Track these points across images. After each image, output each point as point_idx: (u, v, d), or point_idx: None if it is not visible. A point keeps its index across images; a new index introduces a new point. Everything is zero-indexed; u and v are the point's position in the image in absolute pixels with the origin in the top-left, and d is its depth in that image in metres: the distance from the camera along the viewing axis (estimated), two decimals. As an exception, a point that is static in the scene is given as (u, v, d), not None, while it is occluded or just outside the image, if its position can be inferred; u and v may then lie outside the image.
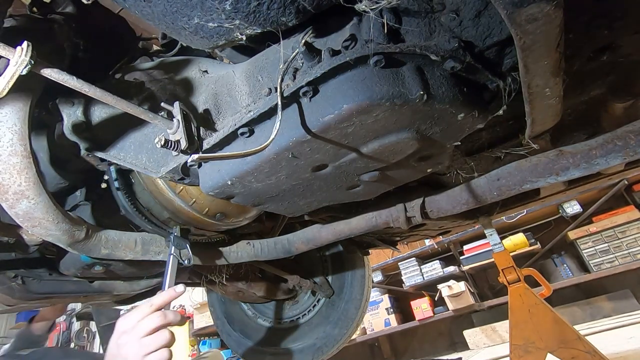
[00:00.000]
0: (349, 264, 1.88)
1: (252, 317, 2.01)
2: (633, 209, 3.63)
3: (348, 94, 0.59)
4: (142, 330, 0.76)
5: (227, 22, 0.59)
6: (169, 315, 0.80)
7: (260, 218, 1.30)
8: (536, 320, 1.22)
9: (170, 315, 0.80)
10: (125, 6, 0.62)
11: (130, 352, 0.75)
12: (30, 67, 0.50)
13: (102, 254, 0.90)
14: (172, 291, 0.84)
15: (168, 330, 0.78)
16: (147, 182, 0.98)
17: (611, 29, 0.73)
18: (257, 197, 0.84)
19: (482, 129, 0.90)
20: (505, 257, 1.35)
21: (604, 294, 3.68)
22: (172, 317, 0.80)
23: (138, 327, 0.77)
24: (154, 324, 0.77)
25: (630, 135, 0.78)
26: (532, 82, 0.63)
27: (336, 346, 1.80)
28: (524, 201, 1.36)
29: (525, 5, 0.47)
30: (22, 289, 1.14)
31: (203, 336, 5.39)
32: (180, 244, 0.97)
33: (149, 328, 0.77)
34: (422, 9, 0.61)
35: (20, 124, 0.68)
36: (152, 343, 0.75)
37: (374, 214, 1.16)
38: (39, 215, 0.74)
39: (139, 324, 0.77)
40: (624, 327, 2.82)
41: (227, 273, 1.59)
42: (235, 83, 0.79)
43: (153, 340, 0.76)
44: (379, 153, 0.72)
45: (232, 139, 0.74)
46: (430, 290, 4.44)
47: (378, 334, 4.51)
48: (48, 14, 0.86)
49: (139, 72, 0.88)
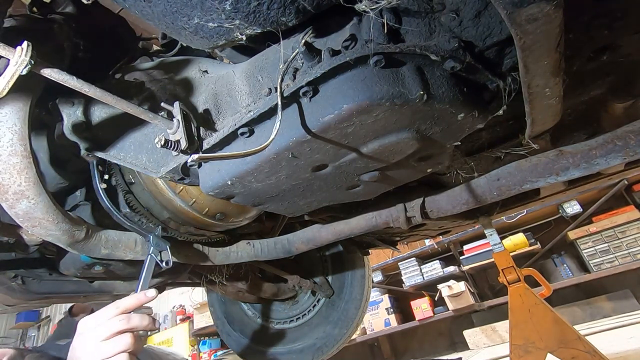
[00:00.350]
0: (349, 264, 1.88)
1: (252, 317, 2.01)
2: (633, 209, 3.63)
3: (348, 94, 0.59)
4: (101, 334, 0.72)
5: (227, 22, 0.59)
6: (134, 319, 0.74)
7: (260, 218, 1.30)
8: (536, 320, 1.22)
9: (135, 319, 0.74)
10: (125, 6, 0.62)
11: (84, 356, 0.71)
12: (30, 67, 0.50)
13: (102, 254, 0.89)
14: (142, 295, 0.80)
15: (131, 335, 0.73)
16: (147, 182, 0.98)
17: (611, 29, 0.73)
18: (257, 197, 0.84)
19: (482, 129, 0.90)
20: (505, 257, 1.35)
21: (604, 294, 3.69)
22: (138, 321, 0.75)
23: (97, 330, 0.72)
24: (115, 328, 0.72)
25: (630, 135, 0.78)
26: (532, 82, 0.63)
27: (336, 346, 1.80)
28: (524, 201, 1.36)
29: (525, 5, 0.47)
30: (22, 289, 1.14)
31: (203, 336, 5.39)
32: (160, 245, 0.93)
33: (109, 332, 0.72)
34: (422, 9, 0.61)
35: (20, 124, 0.68)
36: (110, 349, 0.70)
37: (374, 214, 1.16)
38: (39, 215, 0.74)
39: (98, 327, 0.73)
40: (624, 327, 2.82)
41: (227, 273, 1.59)
42: (235, 83, 0.79)
43: (111, 345, 0.71)
44: (379, 153, 0.72)
45: (232, 139, 0.74)
46: (430, 290, 4.44)
47: (378, 334, 4.52)
48: (48, 14, 0.86)
49: (139, 72, 0.88)
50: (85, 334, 0.73)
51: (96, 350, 0.70)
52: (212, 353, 5.10)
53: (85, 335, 0.73)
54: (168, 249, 0.93)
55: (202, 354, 5.17)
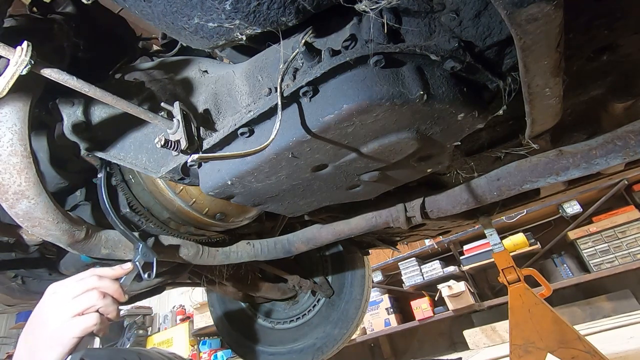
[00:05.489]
0: (349, 264, 1.88)
1: (252, 317, 2.01)
2: (633, 209, 3.63)
3: (348, 93, 0.59)
4: (73, 291, 0.70)
5: (227, 22, 0.59)
6: (106, 281, 0.72)
7: (260, 218, 1.30)
8: (536, 320, 1.22)
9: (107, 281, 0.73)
10: (125, 6, 0.62)
11: (53, 313, 0.68)
12: (30, 67, 0.50)
13: (102, 254, 0.89)
14: (119, 267, 0.79)
15: (103, 294, 0.71)
16: (147, 182, 0.98)
17: (611, 29, 0.73)
18: (257, 197, 0.84)
19: (482, 129, 0.90)
20: (505, 257, 1.35)
21: (604, 294, 3.69)
22: (109, 283, 0.73)
23: (69, 288, 0.71)
24: (88, 285, 0.70)
25: (630, 135, 0.78)
26: (532, 82, 0.63)
27: (336, 346, 1.80)
28: (524, 201, 1.36)
29: (525, 5, 0.47)
30: (22, 289, 1.14)
31: (203, 336, 5.39)
32: (148, 256, 0.88)
33: (81, 289, 0.70)
34: (422, 9, 0.61)
35: (20, 124, 0.68)
36: (80, 305, 0.68)
37: (374, 214, 1.16)
38: (39, 215, 0.74)
39: (70, 286, 0.71)
40: (624, 327, 2.82)
41: (227, 273, 1.59)
42: (235, 83, 0.79)
43: (82, 301, 0.69)
44: (379, 153, 0.72)
45: (232, 139, 0.74)
46: (430, 290, 4.44)
47: (378, 334, 4.51)
48: (48, 14, 0.86)
49: (139, 72, 0.88)
50: (58, 292, 0.72)
51: (66, 306, 0.69)
52: (212, 353, 5.10)
53: (58, 292, 0.71)
54: (154, 262, 0.88)
55: (202, 354, 5.17)
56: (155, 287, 1.40)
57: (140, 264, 0.86)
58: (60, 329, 0.67)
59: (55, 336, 0.67)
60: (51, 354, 0.66)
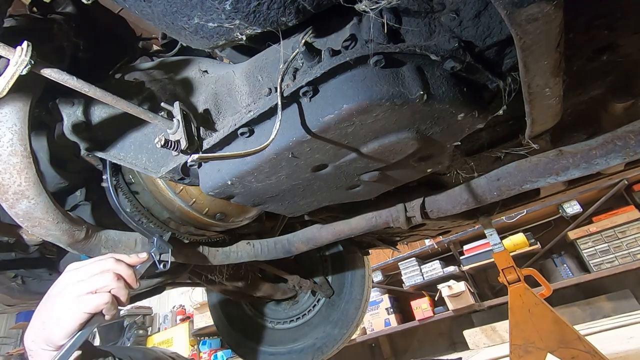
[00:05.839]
0: (349, 264, 1.88)
1: (252, 317, 2.01)
2: (633, 209, 3.63)
3: (348, 93, 0.59)
4: (91, 270, 0.73)
5: (227, 22, 0.59)
6: (122, 265, 0.76)
7: (260, 218, 1.30)
8: (536, 320, 1.22)
9: (123, 266, 0.76)
10: (125, 6, 0.62)
11: (68, 288, 0.72)
12: (30, 67, 0.50)
13: (102, 254, 0.89)
14: (135, 256, 0.83)
15: (118, 275, 0.74)
16: (147, 182, 0.98)
17: (611, 29, 0.73)
18: (257, 197, 0.84)
19: (482, 129, 0.90)
20: (505, 257, 1.35)
21: (604, 294, 3.69)
22: (125, 269, 0.76)
23: (88, 266, 0.74)
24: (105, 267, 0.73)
25: (630, 135, 0.78)
26: (532, 82, 0.63)
27: (336, 346, 1.80)
28: (524, 201, 1.36)
29: (525, 5, 0.47)
30: (22, 289, 1.14)
31: (203, 336, 5.39)
32: (163, 248, 0.94)
33: (99, 269, 0.73)
34: (422, 9, 0.61)
35: (20, 124, 0.68)
36: (94, 283, 0.71)
37: (374, 214, 1.16)
38: (39, 215, 0.74)
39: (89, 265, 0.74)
40: (624, 327, 2.82)
41: (227, 273, 1.59)
42: (235, 83, 0.79)
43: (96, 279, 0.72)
44: (379, 153, 0.72)
45: (232, 139, 0.74)
46: (430, 290, 4.44)
47: (378, 334, 4.52)
48: (48, 14, 0.86)
49: (139, 72, 0.88)
50: (77, 269, 0.75)
51: (82, 282, 0.72)
52: (212, 353, 5.10)
53: (77, 269, 0.75)
54: (170, 253, 0.94)
55: (202, 354, 5.18)
56: (155, 287, 1.40)
57: (156, 255, 0.91)
58: (73, 303, 0.70)
59: (68, 310, 0.70)
60: (62, 324, 0.69)
